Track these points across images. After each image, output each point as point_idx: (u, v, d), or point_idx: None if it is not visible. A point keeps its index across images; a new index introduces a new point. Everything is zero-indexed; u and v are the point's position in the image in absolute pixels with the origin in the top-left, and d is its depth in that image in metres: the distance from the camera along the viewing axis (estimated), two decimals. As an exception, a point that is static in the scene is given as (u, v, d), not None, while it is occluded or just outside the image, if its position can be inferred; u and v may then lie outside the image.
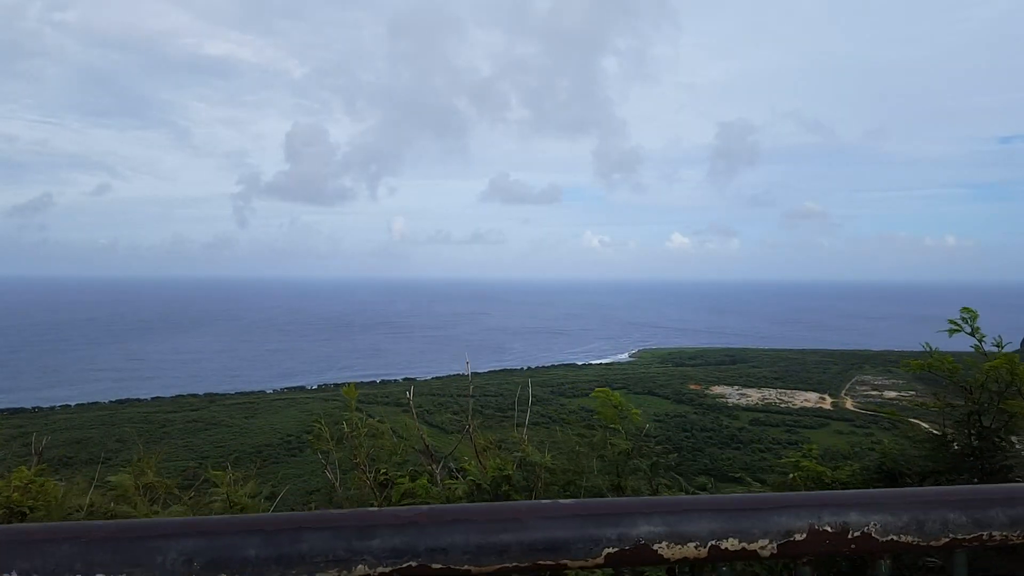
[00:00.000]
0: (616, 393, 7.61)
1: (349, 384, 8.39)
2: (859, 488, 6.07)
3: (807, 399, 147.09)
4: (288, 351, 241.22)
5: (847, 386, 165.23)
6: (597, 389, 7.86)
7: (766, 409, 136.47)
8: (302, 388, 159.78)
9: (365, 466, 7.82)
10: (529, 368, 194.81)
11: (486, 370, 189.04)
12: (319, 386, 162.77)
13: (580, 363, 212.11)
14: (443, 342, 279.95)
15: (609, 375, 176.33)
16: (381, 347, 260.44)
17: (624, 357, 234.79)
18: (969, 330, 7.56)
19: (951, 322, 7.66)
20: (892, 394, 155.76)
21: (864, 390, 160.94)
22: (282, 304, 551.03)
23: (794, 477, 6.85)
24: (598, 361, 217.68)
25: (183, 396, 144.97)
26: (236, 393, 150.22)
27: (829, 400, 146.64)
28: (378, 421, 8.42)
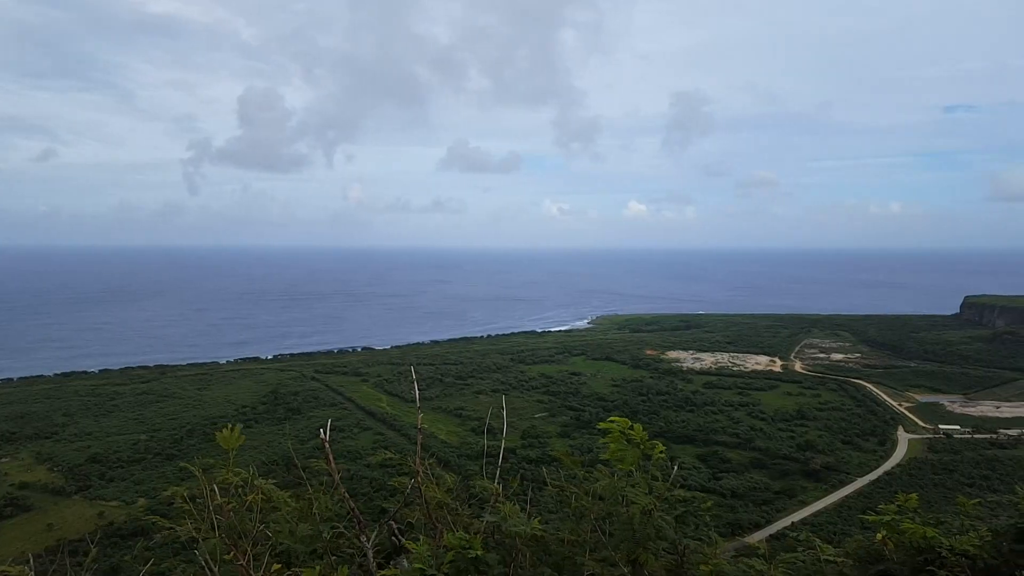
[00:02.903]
0: (639, 426, 5.46)
1: (228, 428, 5.46)
2: (989, 563, 4.33)
3: (758, 362, 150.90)
4: (242, 321, 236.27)
5: (796, 349, 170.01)
6: (611, 419, 5.52)
7: (719, 372, 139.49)
8: (257, 358, 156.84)
9: (248, 560, 5.00)
10: (489, 336, 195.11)
11: (446, 338, 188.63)
12: (275, 356, 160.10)
13: (540, 330, 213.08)
14: (402, 311, 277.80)
15: (569, 342, 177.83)
16: (339, 316, 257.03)
17: (583, 324, 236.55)
18: None
19: None
20: (839, 356, 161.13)
21: (812, 353, 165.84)
22: (235, 273, 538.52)
23: (884, 538, 4.93)
24: (558, 328, 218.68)
25: (132, 368, 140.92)
26: (188, 364, 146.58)
27: (779, 363, 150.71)
28: (271, 484, 5.54)
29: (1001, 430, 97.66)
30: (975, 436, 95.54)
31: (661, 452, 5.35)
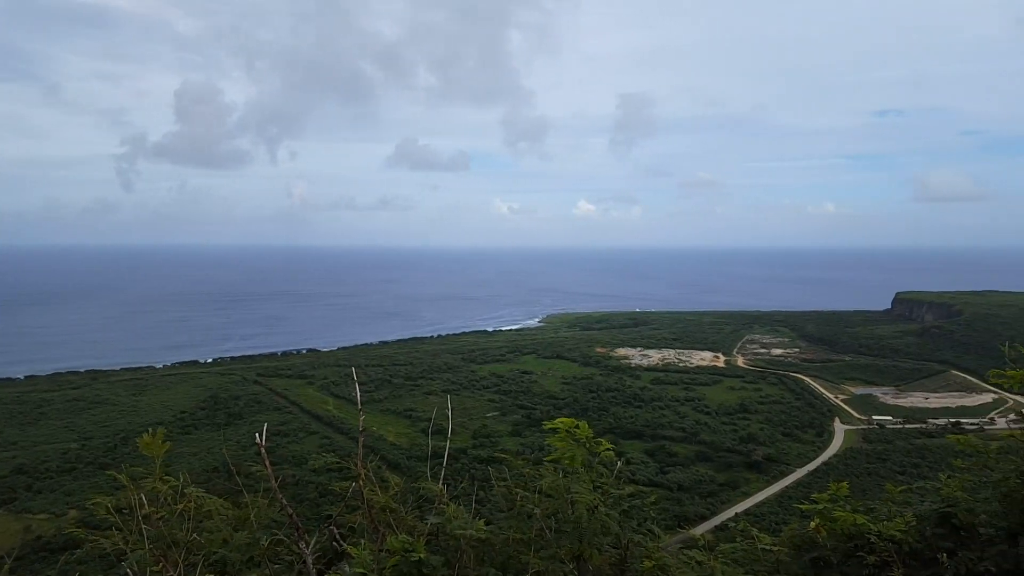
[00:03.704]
0: (584, 424, 5.59)
1: (151, 432, 5.31)
2: (914, 546, 4.58)
3: (703, 358, 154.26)
4: (180, 323, 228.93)
5: (739, 345, 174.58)
6: (557, 420, 5.59)
7: (666, 369, 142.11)
8: (195, 362, 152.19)
9: (179, 571, 4.79)
10: (439, 336, 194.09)
11: (395, 339, 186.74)
12: (214, 359, 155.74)
13: (491, 329, 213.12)
14: (349, 311, 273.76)
15: (520, 340, 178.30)
16: (282, 317, 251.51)
17: (534, 323, 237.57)
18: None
19: None
20: (779, 351, 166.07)
21: (754, 348, 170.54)
22: (172, 273, 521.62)
23: (817, 526, 5.12)
24: (509, 327, 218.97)
25: (62, 374, 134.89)
26: (122, 369, 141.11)
27: (723, 358, 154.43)
28: (203, 491, 5.32)
29: (930, 420, 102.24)
30: (906, 426, 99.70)
31: (607, 449, 5.53)
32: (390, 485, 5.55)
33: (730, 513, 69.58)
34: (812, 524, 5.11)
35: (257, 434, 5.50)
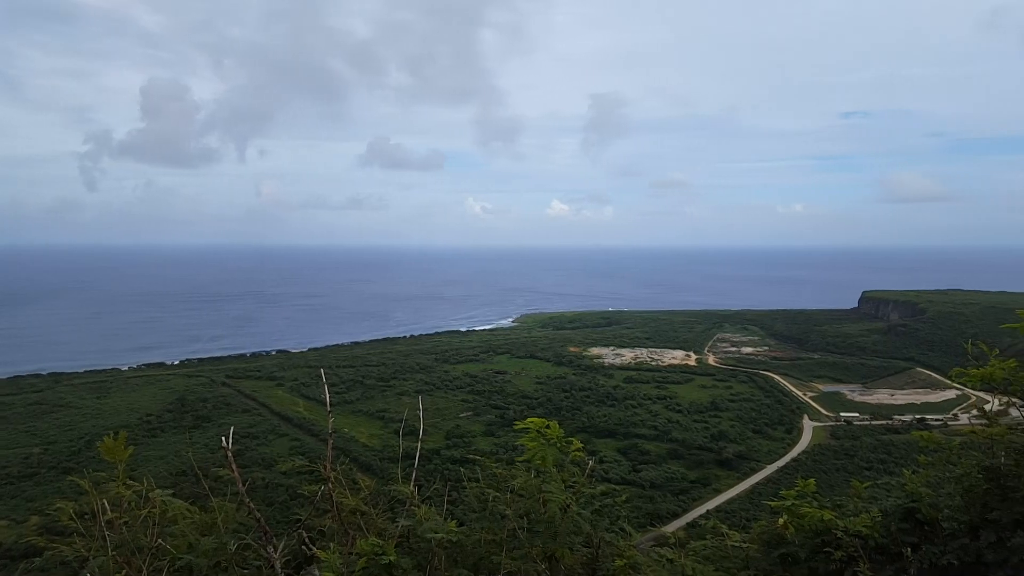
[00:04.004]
0: (555, 424, 5.50)
1: (112, 434, 5.14)
2: (879, 542, 4.65)
3: (675, 357, 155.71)
4: (146, 324, 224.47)
5: (710, 343, 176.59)
6: (528, 420, 5.51)
7: (638, 367, 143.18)
8: (162, 364, 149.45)
9: None
10: (412, 336, 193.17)
11: (368, 339, 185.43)
12: (182, 361, 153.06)
13: (464, 329, 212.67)
14: (321, 311, 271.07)
15: (493, 340, 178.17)
16: (252, 317, 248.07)
17: (507, 322, 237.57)
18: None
19: (1022, 314, 5.11)
20: (749, 349, 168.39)
21: (724, 347, 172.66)
22: (139, 273, 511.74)
23: (785, 523, 5.13)
24: (482, 327, 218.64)
25: (23, 376, 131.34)
26: (86, 371, 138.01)
27: (694, 357, 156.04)
28: (169, 495, 5.20)
29: (896, 416, 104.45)
30: (872, 422, 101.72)
31: (577, 449, 5.47)
32: (361, 487, 5.47)
33: (701, 510, 70.34)
34: (780, 520, 5.15)
35: (223, 437, 5.38)
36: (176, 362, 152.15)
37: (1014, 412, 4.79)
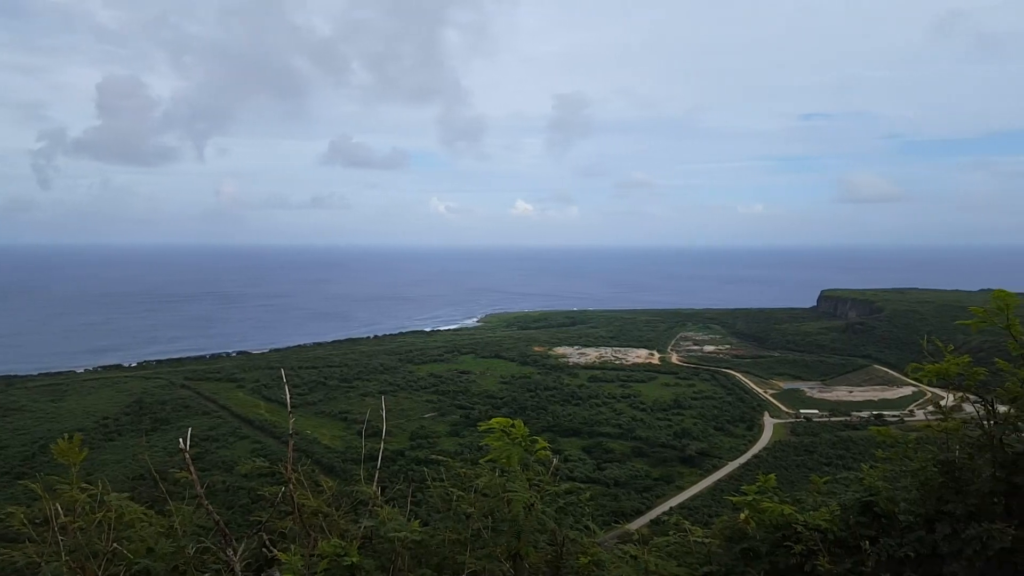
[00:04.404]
0: (520, 423, 5.43)
1: (66, 438, 5.02)
2: (838, 535, 4.72)
3: (639, 355, 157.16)
4: (102, 325, 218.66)
5: (673, 342, 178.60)
6: (493, 420, 5.47)
7: (603, 367, 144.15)
8: (119, 366, 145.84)
9: None
10: (376, 336, 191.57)
11: (330, 340, 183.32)
12: (139, 363, 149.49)
13: (428, 329, 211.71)
14: (282, 312, 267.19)
15: (458, 340, 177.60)
16: (211, 318, 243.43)
17: (472, 322, 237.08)
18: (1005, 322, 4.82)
19: (975, 312, 5.00)
20: (711, 348, 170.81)
21: (687, 345, 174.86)
22: (94, 273, 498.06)
23: (747, 517, 5.18)
24: (447, 327, 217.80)
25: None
26: (40, 374, 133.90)
27: (657, 356, 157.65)
28: (126, 498, 5.08)
29: (853, 412, 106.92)
30: (831, 419, 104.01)
31: (542, 448, 5.44)
32: (323, 489, 5.43)
33: (665, 507, 71.13)
34: (742, 516, 5.22)
35: (181, 439, 5.30)
36: (134, 364, 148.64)
37: (969, 407, 4.90)
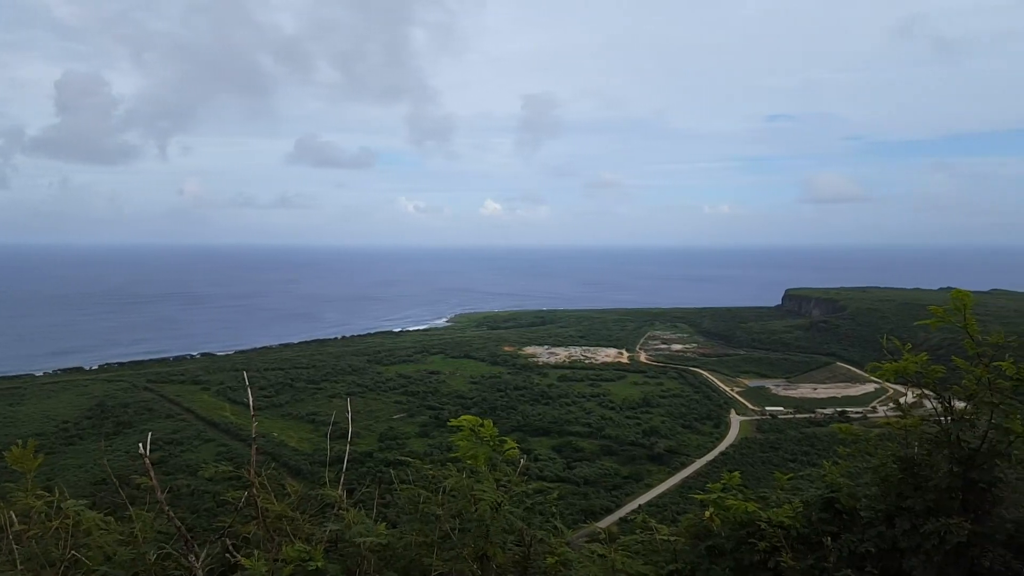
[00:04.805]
0: (489, 422, 5.40)
1: (21, 444, 4.99)
2: (801, 531, 4.79)
3: (608, 355, 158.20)
4: (62, 327, 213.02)
5: (641, 341, 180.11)
6: (462, 418, 5.45)
7: (572, 366, 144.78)
8: (80, 369, 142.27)
9: None
10: (344, 337, 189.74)
11: (297, 341, 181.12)
12: (101, 366, 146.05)
13: (397, 330, 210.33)
14: (248, 312, 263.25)
15: (427, 341, 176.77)
16: (175, 319, 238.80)
17: (441, 322, 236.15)
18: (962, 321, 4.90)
19: (934, 311, 5.03)
20: (679, 347, 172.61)
21: (655, 344, 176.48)
22: (54, 273, 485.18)
23: (712, 515, 5.21)
24: (416, 327, 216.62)
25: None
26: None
27: (626, 355, 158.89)
28: (85, 505, 4.97)
29: (818, 409, 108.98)
30: (796, 416, 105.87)
31: (511, 448, 5.38)
32: (289, 492, 5.35)
33: (634, 505, 71.62)
34: (707, 513, 5.25)
35: (140, 444, 5.16)
36: (95, 366, 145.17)
37: (929, 404, 4.99)
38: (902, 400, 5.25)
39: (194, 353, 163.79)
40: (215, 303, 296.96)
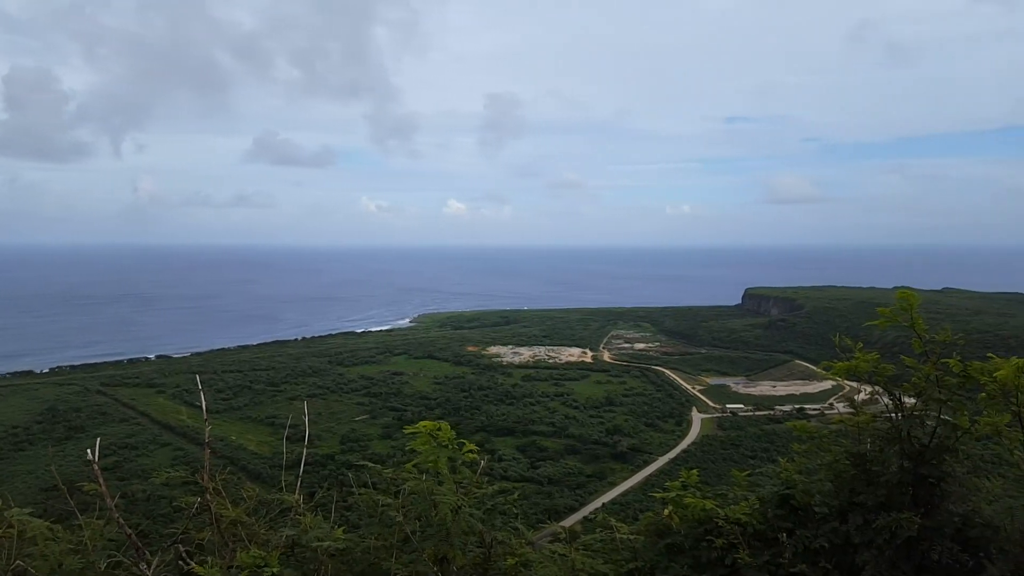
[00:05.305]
0: (446, 426, 5.35)
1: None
2: (758, 529, 4.86)
3: (571, 354, 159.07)
4: (10, 330, 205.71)
5: (604, 340, 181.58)
6: (420, 423, 5.38)
7: (536, 365, 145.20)
8: (30, 372, 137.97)
9: None
10: (304, 338, 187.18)
11: (256, 342, 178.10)
12: (52, 369, 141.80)
13: (360, 330, 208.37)
14: (204, 313, 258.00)
15: (390, 341, 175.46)
16: (129, 321, 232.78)
17: (405, 323, 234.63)
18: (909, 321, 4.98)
19: (881, 312, 5.12)
20: (641, 345, 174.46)
21: (619, 343, 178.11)
22: (2, 274, 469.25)
23: (670, 513, 5.24)
24: (378, 328, 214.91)
25: None
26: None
27: (590, 354, 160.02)
28: (29, 513, 4.82)
29: (777, 407, 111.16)
30: (756, 413, 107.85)
31: (470, 451, 5.36)
32: (245, 497, 5.25)
33: (598, 503, 72.18)
34: (666, 511, 5.29)
35: (89, 450, 5.10)
36: (46, 370, 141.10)
37: (883, 401, 5.10)
38: (857, 398, 5.36)
39: (149, 355, 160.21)
40: (170, 304, 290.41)
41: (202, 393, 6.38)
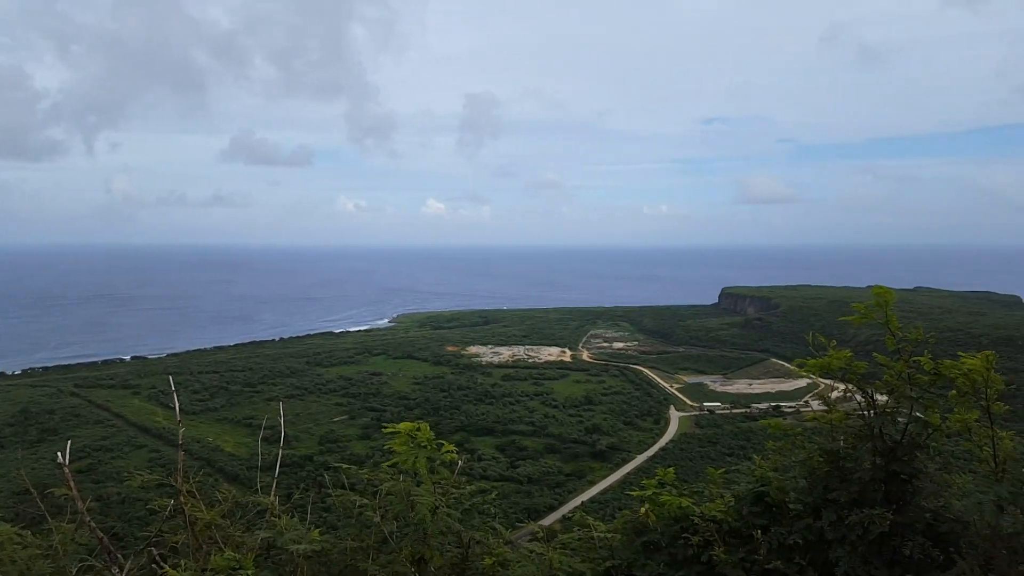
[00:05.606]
0: (425, 426, 5.35)
1: None
2: (733, 526, 4.87)
3: (551, 353, 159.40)
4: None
5: (583, 340, 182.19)
6: (400, 424, 5.35)
7: (516, 365, 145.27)
8: (2, 374, 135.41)
9: None
10: (282, 339, 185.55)
11: (233, 343, 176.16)
12: (24, 371, 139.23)
13: (338, 331, 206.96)
14: (181, 314, 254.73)
15: (369, 342, 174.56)
16: (103, 322, 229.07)
17: (384, 323, 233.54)
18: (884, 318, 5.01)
19: (856, 308, 5.19)
20: (620, 345, 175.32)
21: (598, 343, 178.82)
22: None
23: (647, 511, 5.24)
24: (357, 328, 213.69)
25: None
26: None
27: (569, 353, 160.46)
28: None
29: (753, 404, 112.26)
30: (733, 411, 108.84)
31: (449, 450, 5.36)
32: (221, 499, 5.21)
33: (577, 502, 72.42)
34: (642, 510, 5.33)
35: (59, 453, 5.06)
36: (18, 371, 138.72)
37: (860, 398, 5.17)
38: (830, 395, 5.44)
39: (124, 357, 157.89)
40: (146, 305, 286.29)
41: (175, 394, 6.29)
